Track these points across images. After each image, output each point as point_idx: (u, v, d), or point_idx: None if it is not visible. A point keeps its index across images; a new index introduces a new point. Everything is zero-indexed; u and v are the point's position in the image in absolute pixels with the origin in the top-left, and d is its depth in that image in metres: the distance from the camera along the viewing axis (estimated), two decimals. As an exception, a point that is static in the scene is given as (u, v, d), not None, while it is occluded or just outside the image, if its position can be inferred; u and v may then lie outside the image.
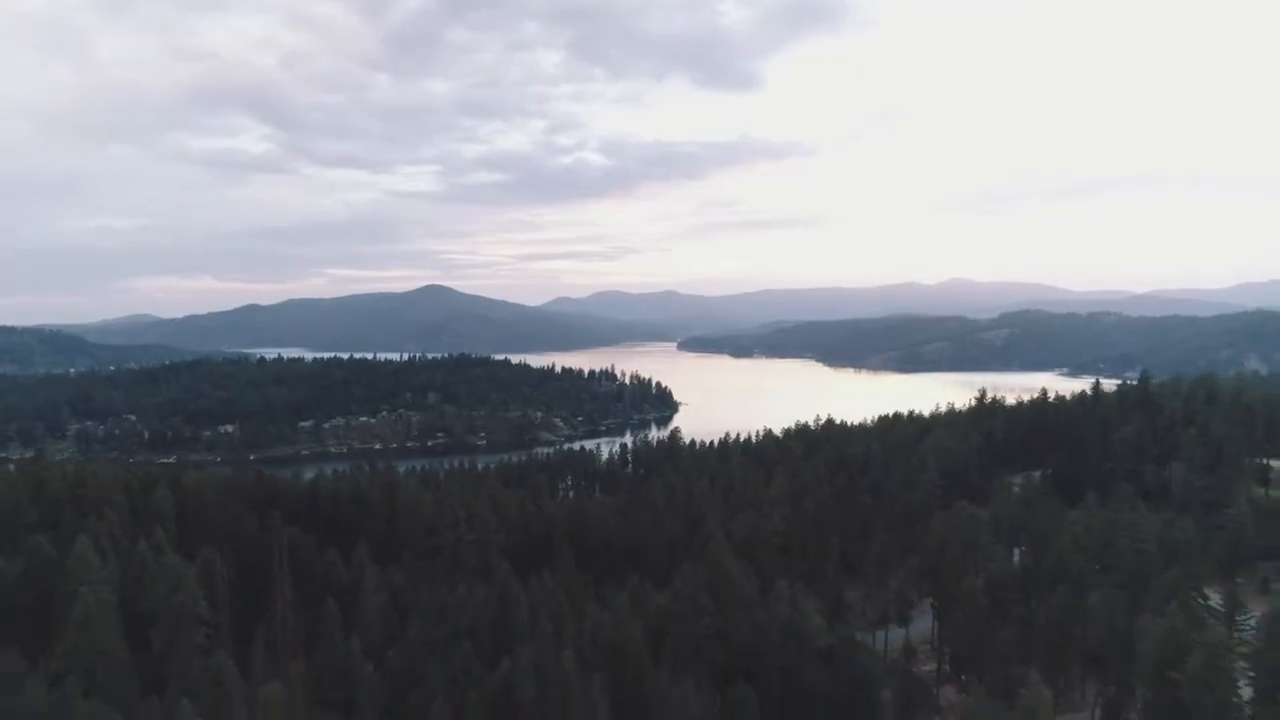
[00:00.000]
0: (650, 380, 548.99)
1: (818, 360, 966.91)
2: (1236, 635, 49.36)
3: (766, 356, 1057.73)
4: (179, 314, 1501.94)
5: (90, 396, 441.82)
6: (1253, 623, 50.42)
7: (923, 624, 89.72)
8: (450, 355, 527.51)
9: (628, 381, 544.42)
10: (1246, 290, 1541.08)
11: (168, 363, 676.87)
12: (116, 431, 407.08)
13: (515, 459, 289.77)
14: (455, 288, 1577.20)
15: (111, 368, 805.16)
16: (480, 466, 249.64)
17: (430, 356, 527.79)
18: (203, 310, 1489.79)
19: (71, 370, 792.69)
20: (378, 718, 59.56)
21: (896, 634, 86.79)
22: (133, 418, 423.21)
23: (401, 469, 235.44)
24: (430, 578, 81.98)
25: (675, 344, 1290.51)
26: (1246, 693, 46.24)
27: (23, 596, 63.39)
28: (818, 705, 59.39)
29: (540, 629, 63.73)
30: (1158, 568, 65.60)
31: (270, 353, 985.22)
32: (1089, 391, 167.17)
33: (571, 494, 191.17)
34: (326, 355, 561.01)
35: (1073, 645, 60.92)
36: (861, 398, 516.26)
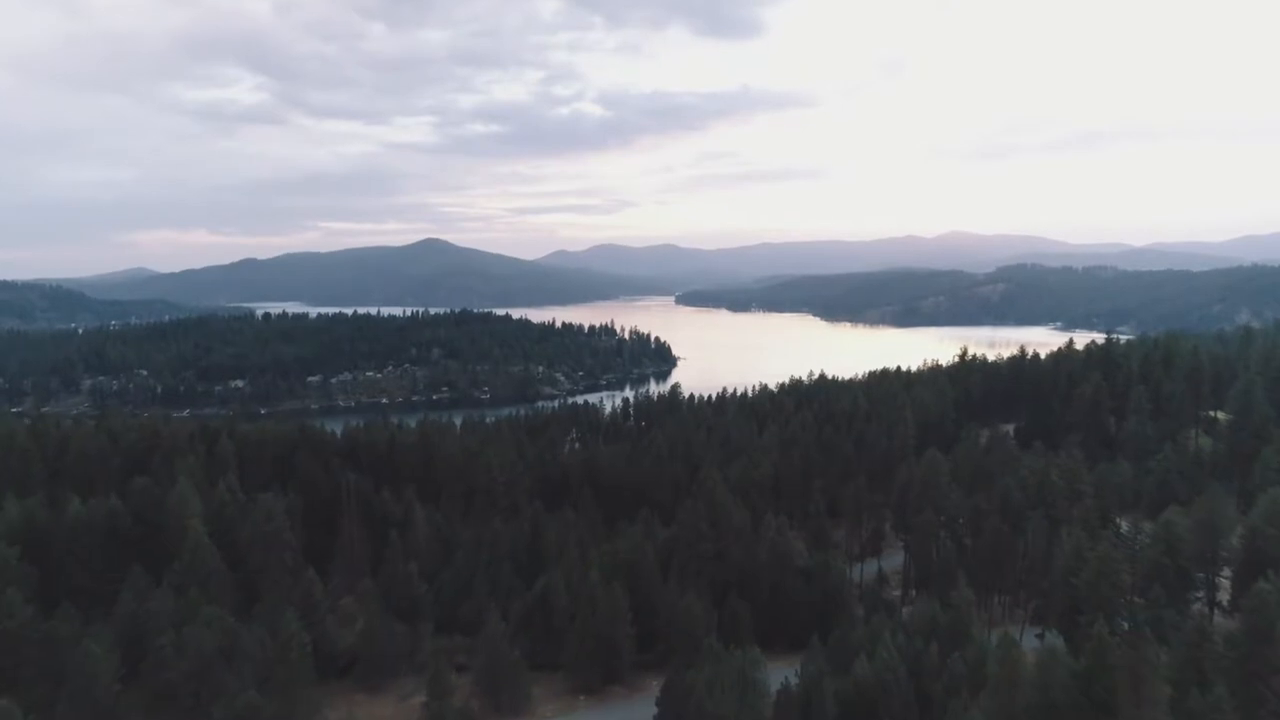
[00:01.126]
0: (649, 335, 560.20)
1: (815, 315, 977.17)
2: (1127, 549, 61.31)
3: (764, 311, 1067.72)
4: (176, 268, 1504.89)
5: (101, 352, 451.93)
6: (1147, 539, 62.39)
7: (895, 558, 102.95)
8: (452, 311, 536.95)
9: (627, 337, 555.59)
10: (1247, 243, 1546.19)
11: (168, 318, 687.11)
12: (130, 386, 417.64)
13: (520, 413, 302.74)
14: (452, 241, 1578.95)
15: (114, 323, 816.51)
16: (488, 420, 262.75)
17: (432, 312, 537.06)
18: (200, 264, 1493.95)
19: (74, 325, 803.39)
20: (435, 624, 72.46)
21: (872, 567, 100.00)
22: (144, 373, 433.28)
23: (410, 423, 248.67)
24: (467, 515, 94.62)
25: (673, 298, 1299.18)
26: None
27: (136, 528, 75.61)
28: (799, 614, 72.08)
29: (567, 553, 76.36)
30: (1088, 504, 77.89)
31: (269, 307, 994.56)
32: (1062, 349, 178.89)
33: (579, 444, 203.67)
34: (331, 312, 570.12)
35: (1007, 567, 73.37)
36: (856, 352, 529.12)
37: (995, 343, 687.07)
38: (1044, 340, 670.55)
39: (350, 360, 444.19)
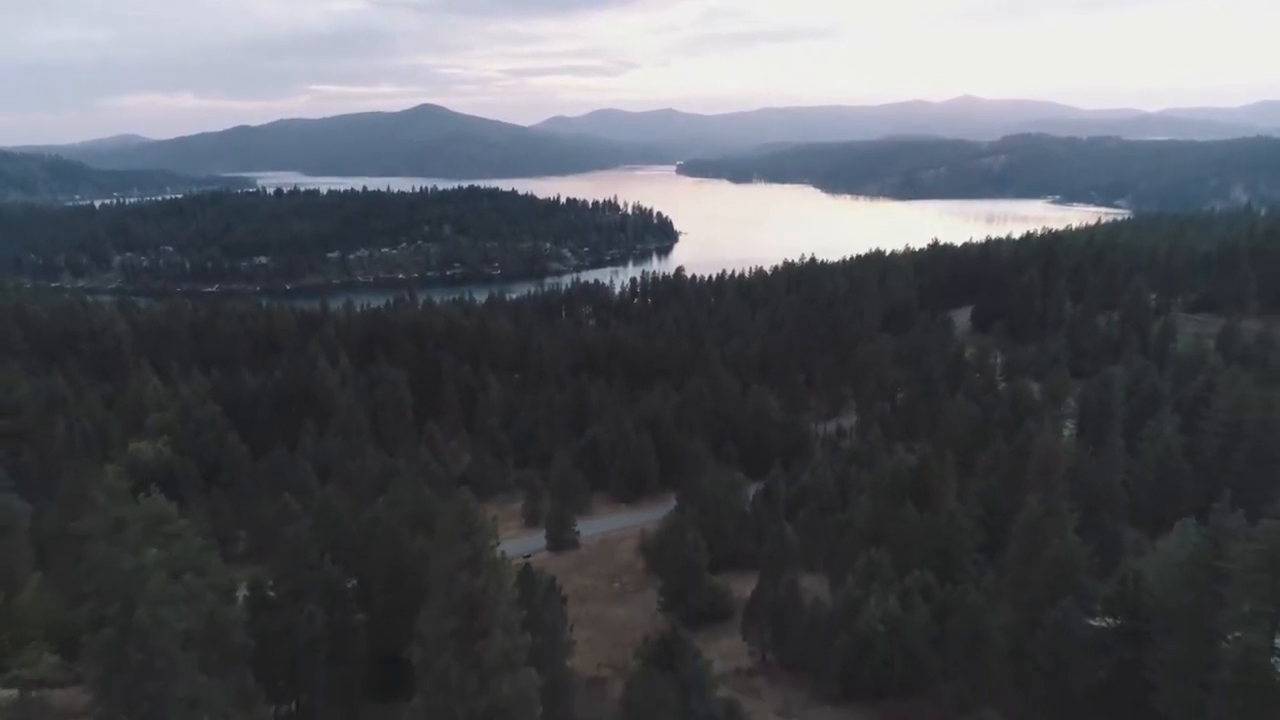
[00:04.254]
0: (651, 210, 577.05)
1: (816, 186, 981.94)
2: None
3: (765, 181, 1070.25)
4: (168, 135, 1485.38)
5: (126, 229, 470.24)
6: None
7: (853, 417, 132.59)
8: (460, 187, 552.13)
9: (630, 212, 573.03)
10: (1264, 109, 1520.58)
11: (170, 191, 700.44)
12: (160, 263, 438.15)
13: (533, 291, 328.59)
14: (448, 107, 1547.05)
15: (116, 194, 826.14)
16: (508, 297, 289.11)
17: (440, 188, 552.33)
18: (191, 131, 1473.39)
19: (78, 197, 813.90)
20: (515, 461, 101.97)
21: (835, 423, 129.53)
22: (170, 249, 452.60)
23: (423, 298, 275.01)
24: (523, 384, 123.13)
25: (674, 167, 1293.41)
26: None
27: (285, 398, 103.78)
28: (773, 454, 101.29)
29: (606, 412, 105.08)
30: (988, 376, 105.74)
31: (267, 178, 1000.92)
32: (1019, 236, 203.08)
33: (594, 321, 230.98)
34: (334, 183, 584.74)
35: (921, 421, 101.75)
36: (852, 228, 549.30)
37: (993, 217, 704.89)
38: (1040, 215, 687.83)
39: (365, 237, 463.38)
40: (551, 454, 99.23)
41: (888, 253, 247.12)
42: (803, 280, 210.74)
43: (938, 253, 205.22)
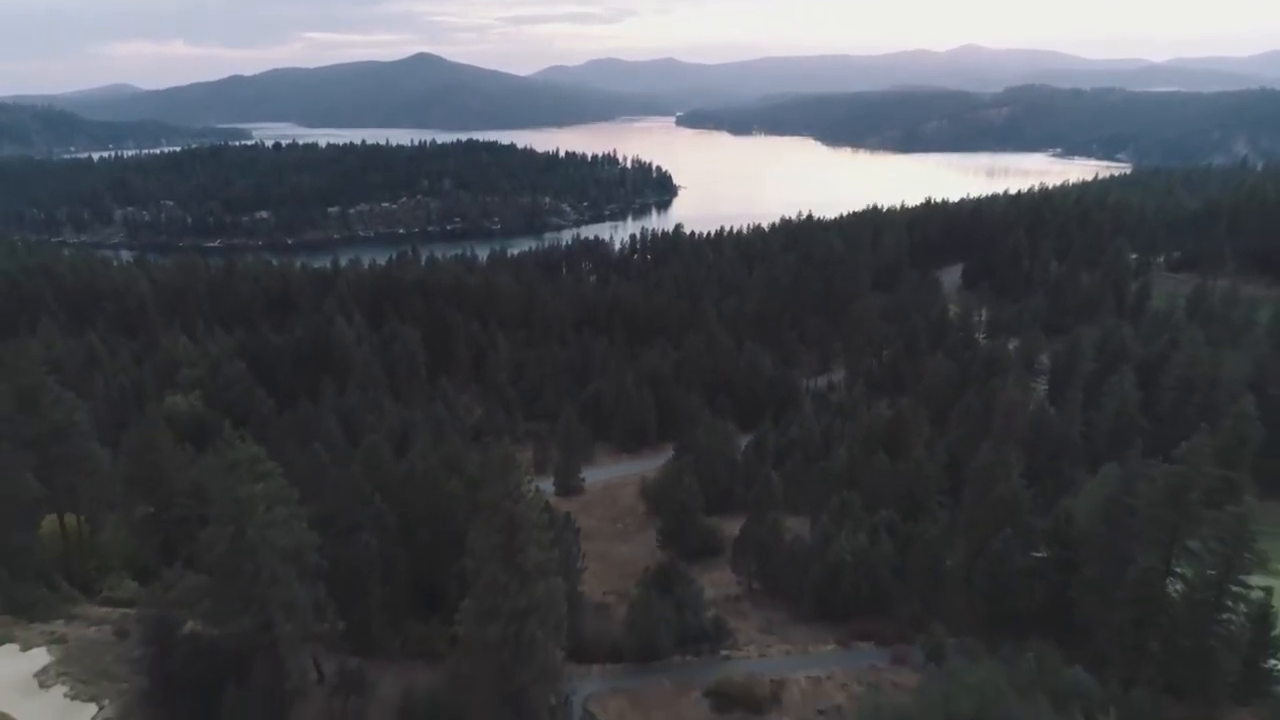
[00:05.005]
0: (650, 164, 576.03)
1: (816, 139, 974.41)
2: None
3: (765, 134, 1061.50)
4: (160, 84, 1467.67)
5: (126, 183, 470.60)
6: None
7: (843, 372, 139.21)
8: (459, 141, 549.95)
9: (629, 166, 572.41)
10: (1272, 59, 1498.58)
11: (167, 147, 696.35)
12: (162, 217, 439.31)
13: (534, 247, 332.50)
14: (444, 55, 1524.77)
15: (110, 145, 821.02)
16: (510, 253, 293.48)
17: (439, 142, 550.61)
18: (185, 81, 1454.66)
19: (72, 149, 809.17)
20: (523, 414, 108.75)
21: (826, 379, 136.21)
22: (170, 203, 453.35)
23: (426, 254, 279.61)
24: (529, 340, 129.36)
25: (673, 119, 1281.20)
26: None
27: (305, 354, 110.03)
28: (765, 407, 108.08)
29: (609, 367, 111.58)
30: (969, 334, 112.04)
31: (262, 129, 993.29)
32: (1015, 192, 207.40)
33: (594, 277, 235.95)
34: (330, 134, 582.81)
35: (909, 379, 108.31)
36: (852, 182, 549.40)
37: (993, 171, 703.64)
38: (1041, 168, 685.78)
39: (365, 191, 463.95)
40: (557, 407, 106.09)
41: (884, 208, 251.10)
42: (800, 238, 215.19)
43: (931, 211, 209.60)
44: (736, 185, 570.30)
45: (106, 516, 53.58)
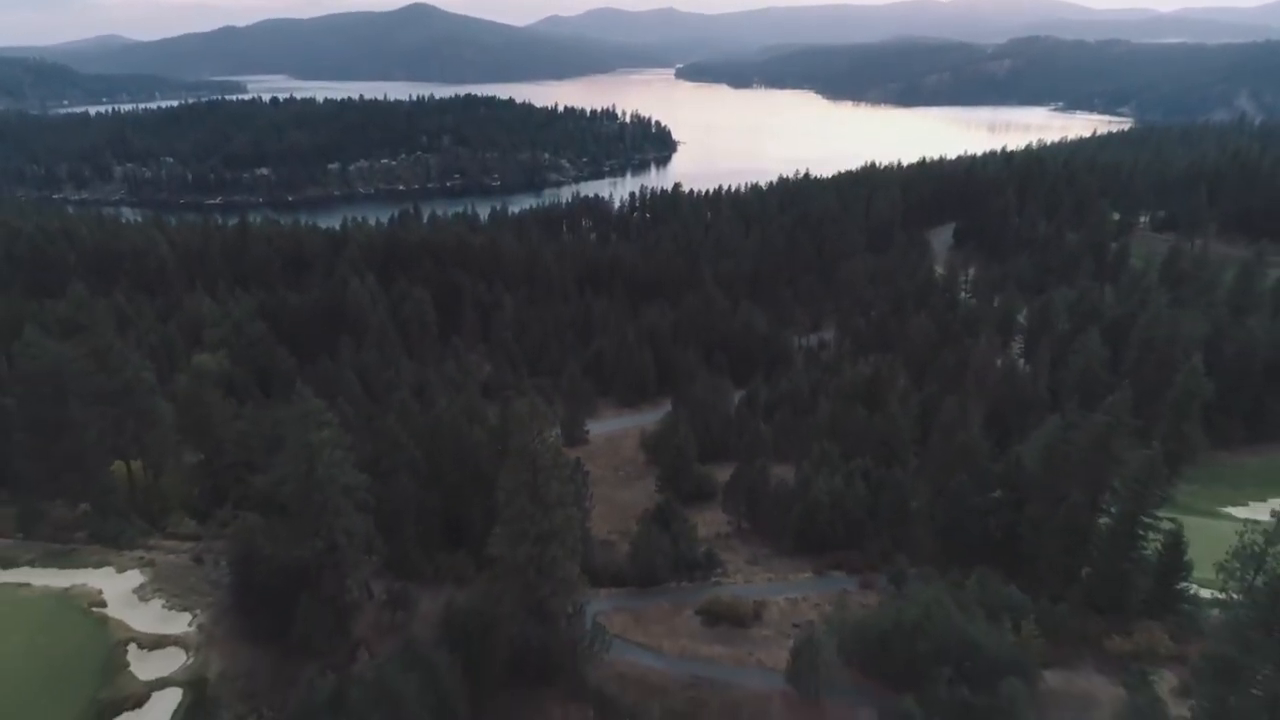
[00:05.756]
0: (650, 119, 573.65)
1: (817, 92, 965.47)
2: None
3: (766, 87, 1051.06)
4: (152, 35, 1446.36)
5: (125, 139, 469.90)
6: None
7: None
8: (457, 96, 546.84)
9: (628, 120, 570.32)
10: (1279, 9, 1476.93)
11: (162, 100, 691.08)
12: (163, 174, 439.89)
13: (532, 204, 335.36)
14: (439, 5, 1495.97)
15: (105, 99, 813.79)
16: (508, 210, 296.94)
17: (438, 97, 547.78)
18: (176, 32, 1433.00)
19: (66, 103, 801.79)
20: (529, 370, 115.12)
21: (817, 337, 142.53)
22: (170, 160, 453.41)
23: (427, 212, 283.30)
24: (532, 299, 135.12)
25: (673, 71, 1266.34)
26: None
27: (321, 315, 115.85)
28: (758, 364, 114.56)
29: (610, 326, 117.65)
30: (950, 295, 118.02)
31: (257, 82, 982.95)
32: (1013, 148, 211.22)
33: (594, 235, 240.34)
34: (328, 87, 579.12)
35: (894, 340, 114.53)
36: (851, 139, 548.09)
37: (994, 126, 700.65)
38: (1042, 123, 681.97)
39: (365, 148, 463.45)
40: (561, 364, 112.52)
41: (882, 166, 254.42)
42: (796, 198, 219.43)
43: (925, 171, 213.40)
44: (736, 140, 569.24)
45: (167, 463, 60.17)
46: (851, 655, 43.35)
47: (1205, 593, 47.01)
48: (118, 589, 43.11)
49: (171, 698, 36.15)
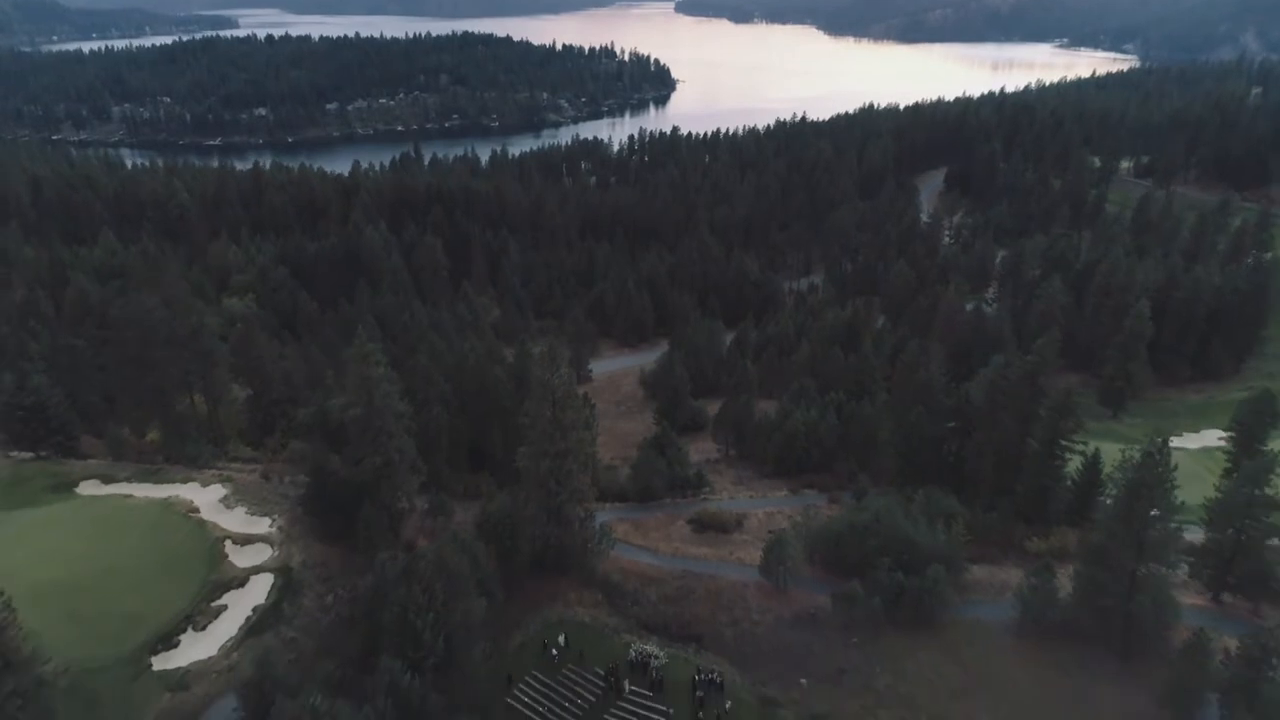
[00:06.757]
0: (649, 57, 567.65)
1: (819, 27, 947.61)
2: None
3: (767, 22, 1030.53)
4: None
5: (121, 78, 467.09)
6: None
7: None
8: (455, 33, 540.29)
9: (626, 59, 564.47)
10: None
11: (154, 36, 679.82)
12: (161, 115, 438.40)
13: (531, 147, 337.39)
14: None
15: (94, 35, 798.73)
16: (508, 153, 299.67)
17: (433, 33, 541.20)
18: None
19: (55, 38, 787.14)
20: (534, 313, 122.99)
21: (808, 281, 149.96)
22: (168, 100, 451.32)
23: (429, 155, 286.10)
24: (537, 245, 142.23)
25: (673, 4, 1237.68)
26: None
27: (339, 261, 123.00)
28: (749, 307, 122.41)
29: (611, 271, 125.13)
30: (931, 242, 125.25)
31: (249, 15, 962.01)
32: (1011, 89, 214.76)
33: (593, 179, 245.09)
34: (332, 34, 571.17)
35: (878, 283, 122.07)
36: (851, 77, 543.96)
37: (997, 63, 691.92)
38: (1046, 61, 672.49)
39: (362, 87, 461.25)
40: (565, 307, 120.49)
41: (880, 107, 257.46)
42: (792, 143, 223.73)
43: (918, 116, 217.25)
44: (737, 77, 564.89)
45: (224, 397, 68.65)
46: (814, 553, 52.50)
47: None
48: (206, 499, 51.95)
49: (265, 580, 45.25)
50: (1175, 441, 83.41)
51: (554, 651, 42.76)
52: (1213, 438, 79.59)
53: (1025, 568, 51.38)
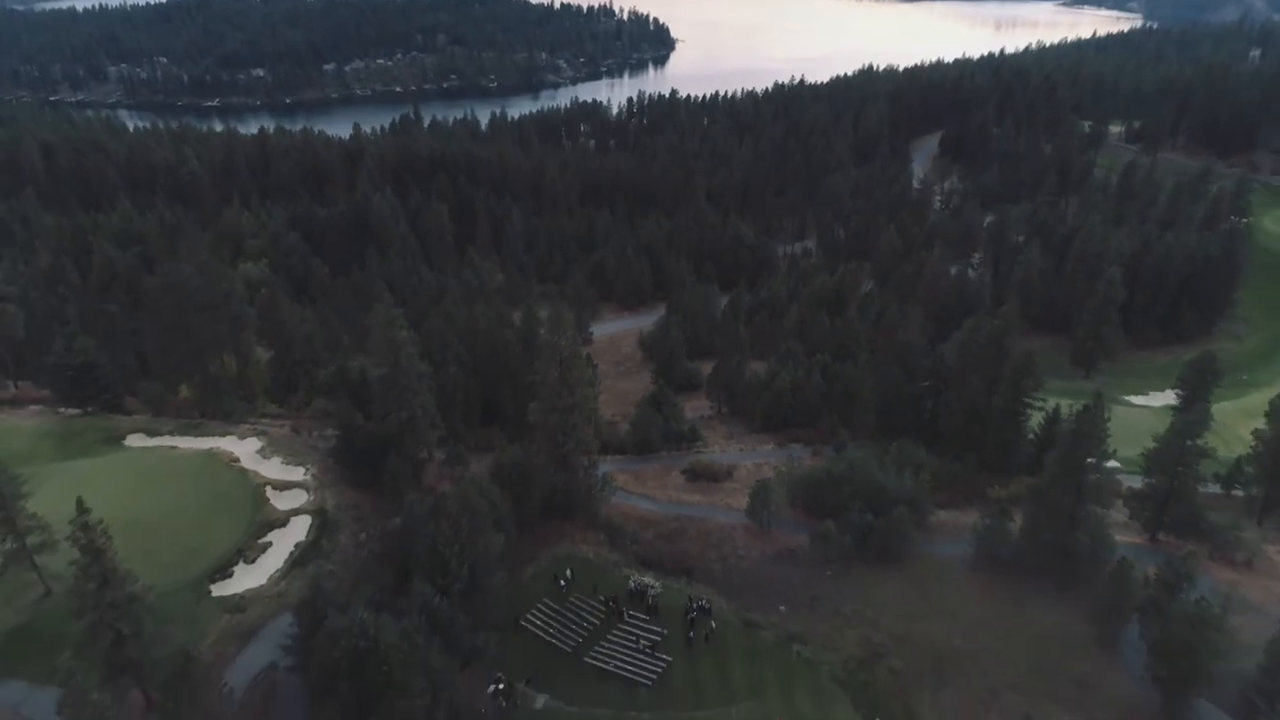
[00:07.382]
0: (648, 16, 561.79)
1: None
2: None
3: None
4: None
5: (116, 38, 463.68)
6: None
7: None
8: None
9: (625, 18, 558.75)
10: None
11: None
12: (158, 75, 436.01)
13: (530, 110, 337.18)
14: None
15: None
16: (507, 115, 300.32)
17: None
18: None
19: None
20: (537, 277, 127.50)
21: (802, 245, 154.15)
22: (164, 60, 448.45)
23: (428, 117, 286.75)
24: (538, 210, 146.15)
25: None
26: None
27: (348, 226, 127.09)
28: (744, 271, 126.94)
29: (611, 237, 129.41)
30: (921, 208, 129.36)
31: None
32: (1010, 50, 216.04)
33: (592, 143, 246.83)
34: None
35: (871, 247, 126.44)
36: (852, 36, 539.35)
37: (1000, 22, 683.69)
38: (1049, 19, 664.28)
39: (359, 47, 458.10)
40: (566, 272, 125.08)
41: (879, 69, 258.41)
42: (790, 107, 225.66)
43: (915, 78, 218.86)
44: (737, 37, 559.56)
45: (251, 358, 73.77)
46: (795, 498, 58.13)
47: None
48: (244, 450, 57.38)
49: (304, 521, 50.85)
50: (1141, 400, 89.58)
51: (562, 583, 48.52)
52: (1174, 396, 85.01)
53: (985, 512, 57.14)
